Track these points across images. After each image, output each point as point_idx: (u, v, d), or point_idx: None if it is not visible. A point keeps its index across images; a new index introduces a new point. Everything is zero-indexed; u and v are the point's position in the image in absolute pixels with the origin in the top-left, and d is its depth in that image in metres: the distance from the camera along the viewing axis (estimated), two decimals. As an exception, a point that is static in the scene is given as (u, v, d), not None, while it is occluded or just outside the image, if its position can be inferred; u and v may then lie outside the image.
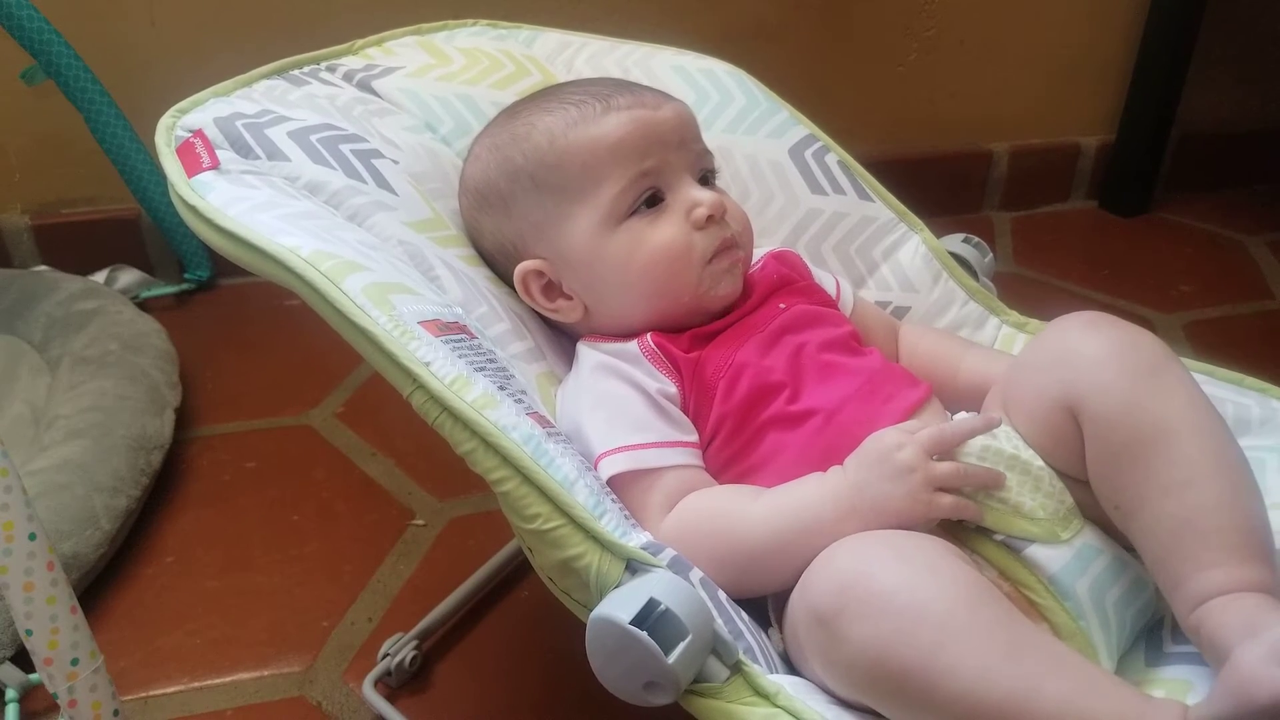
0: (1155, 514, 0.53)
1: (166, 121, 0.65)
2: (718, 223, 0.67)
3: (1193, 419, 0.55)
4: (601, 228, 0.66)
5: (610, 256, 0.66)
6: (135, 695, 0.85)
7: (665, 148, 0.67)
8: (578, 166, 0.66)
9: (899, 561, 0.52)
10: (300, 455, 1.14)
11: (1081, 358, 0.57)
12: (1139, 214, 1.73)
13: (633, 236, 0.66)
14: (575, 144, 0.66)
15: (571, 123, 0.67)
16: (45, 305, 1.24)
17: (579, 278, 0.68)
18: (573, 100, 0.68)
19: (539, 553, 0.54)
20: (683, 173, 0.68)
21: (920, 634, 0.48)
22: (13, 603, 0.58)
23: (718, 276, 0.67)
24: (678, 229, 0.66)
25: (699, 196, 0.67)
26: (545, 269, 0.68)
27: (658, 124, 0.67)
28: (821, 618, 0.51)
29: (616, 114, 0.67)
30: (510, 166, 0.69)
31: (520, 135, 0.69)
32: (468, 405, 0.52)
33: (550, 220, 0.68)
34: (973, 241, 0.86)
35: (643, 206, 0.67)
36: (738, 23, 1.51)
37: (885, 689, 0.50)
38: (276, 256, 0.56)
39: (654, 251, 0.66)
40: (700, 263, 0.66)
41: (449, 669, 0.88)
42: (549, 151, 0.67)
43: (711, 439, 0.65)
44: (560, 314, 0.69)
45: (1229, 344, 1.35)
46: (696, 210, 0.66)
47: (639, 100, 0.68)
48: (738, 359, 0.65)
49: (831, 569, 0.52)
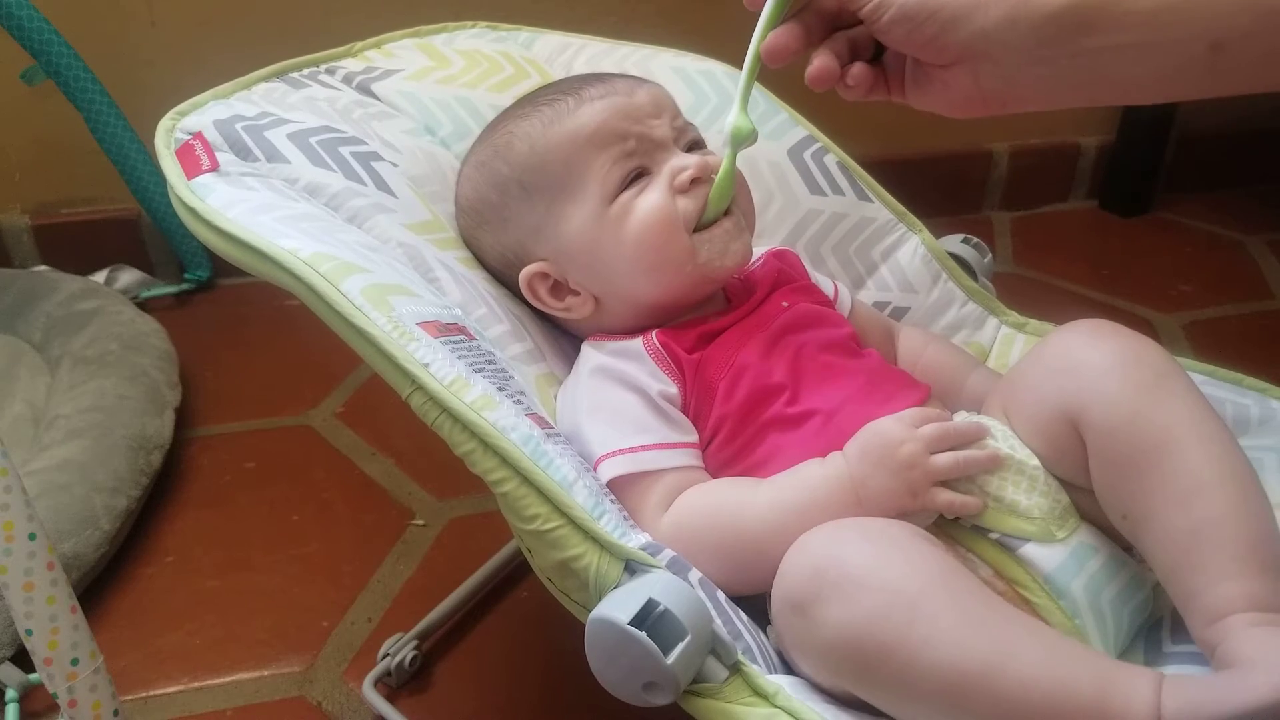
0: (1163, 525, 0.53)
1: (166, 124, 0.65)
2: (705, 184, 0.66)
3: (1198, 429, 0.55)
4: (594, 213, 0.66)
5: (606, 236, 0.66)
6: (135, 695, 0.85)
7: (643, 128, 0.67)
8: (561, 163, 0.67)
9: (869, 543, 0.53)
10: (300, 455, 1.14)
11: (1085, 367, 0.57)
12: (1139, 214, 1.73)
13: (622, 211, 0.66)
14: (554, 142, 0.67)
15: (548, 122, 0.68)
16: (45, 305, 1.24)
17: (583, 269, 0.68)
18: (545, 101, 0.69)
19: (538, 553, 0.54)
20: (666, 146, 0.68)
21: (895, 611, 0.49)
22: (13, 603, 0.58)
23: (721, 244, 0.66)
24: (662, 195, 0.66)
25: (683, 162, 0.67)
26: (549, 269, 0.69)
27: (633, 107, 0.67)
28: (797, 605, 0.52)
29: (590, 105, 0.67)
30: (498, 179, 0.69)
31: (501, 147, 0.70)
32: (467, 406, 0.53)
33: (545, 221, 0.68)
34: (972, 242, 0.86)
35: (631, 184, 0.67)
36: (736, 23, 1.51)
37: (865, 669, 0.50)
38: (276, 258, 0.56)
39: (643, 219, 0.65)
40: (688, 226, 0.66)
41: (449, 669, 0.88)
42: (530, 155, 0.68)
43: (711, 439, 0.65)
44: (572, 311, 0.69)
45: (1229, 344, 1.35)
46: (680, 175, 0.66)
47: (611, 88, 0.68)
48: (739, 360, 0.65)
49: (803, 557, 0.53)
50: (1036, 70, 0.54)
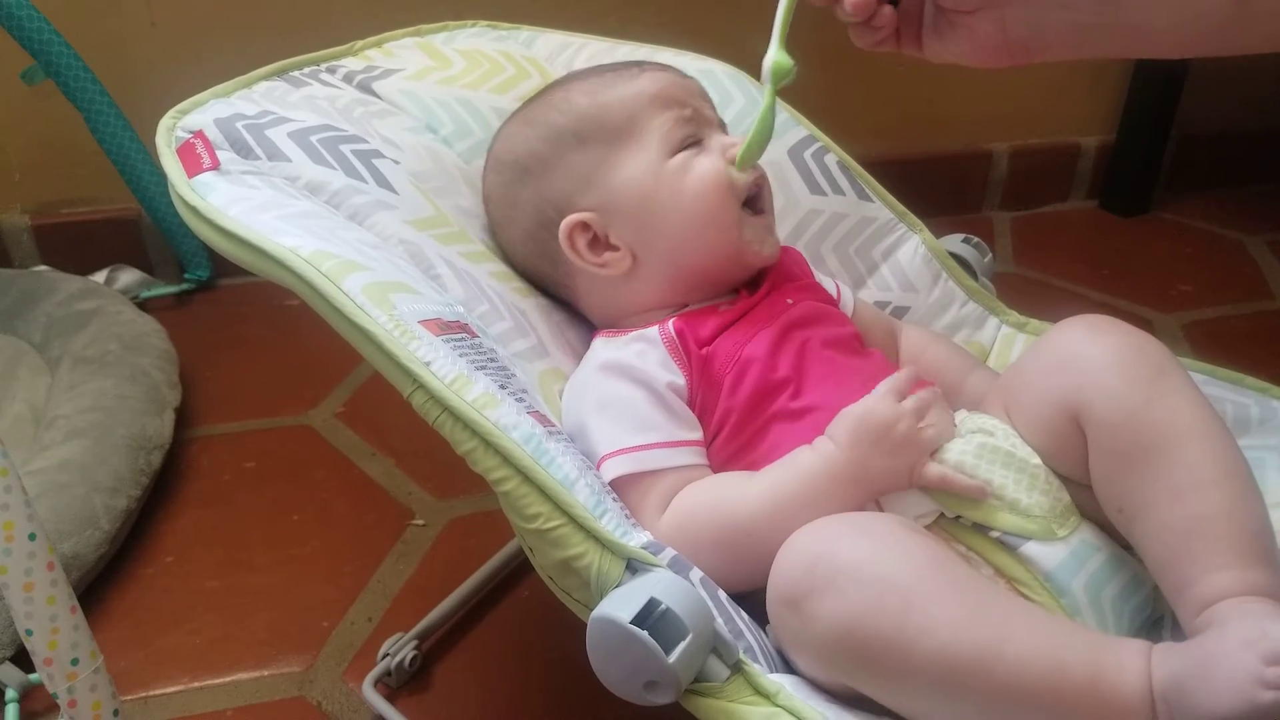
0: (1160, 519, 0.53)
1: (167, 122, 0.65)
2: (751, 168, 0.69)
3: (1197, 424, 0.55)
4: (653, 164, 0.69)
5: (663, 188, 0.68)
6: (135, 695, 0.85)
7: (699, 103, 0.71)
8: (624, 115, 0.70)
9: (860, 537, 0.53)
10: (300, 455, 1.14)
11: (1086, 362, 0.58)
12: (1139, 214, 1.73)
13: (681, 166, 0.69)
14: (617, 97, 0.70)
15: (609, 83, 0.72)
16: (45, 305, 1.24)
17: (631, 220, 0.69)
18: (606, 69, 0.74)
19: (539, 552, 0.54)
20: (714, 125, 0.72)
21: (889, 601, 0.49)
22: (13, 603, 0.58)
23: (762, 233, 0.70)
24: (719, 163, 0.69)
25: (731, 139, 0.70)
26: (592, 220, 0.69)
27: (688, 84, 0.72)
28: (791, 601, 0.52)
29: (651, 73, 0.72)
30: (551, 129, 0.71)
31: (558, 100, 0.72)
32: (468, 405, 0.52)
33: (598, 169, 0.69)
34: (972, 241, 0.86)
35: (687, 148, 0.69)
36: (736, 23, 1.51)
37: (860, 661, 0.50)
38: (277, 256, 0.56)
39: (702, 176, 0.68)
40: (740, 197, 0.69)
41: (449, 669, 0.88)
42: (591, 106, 0.71)
43: (717, 433, 0.65)
44: (608, 267, 0.70)
45: (1229, 344, 1.35)
46: (731, 149, 0.69)
47: (667, 68, 0.74)
48: (745, 354, 0.66)
49: (794, 554, 0.53)
50: (1064, 15, 0.55)
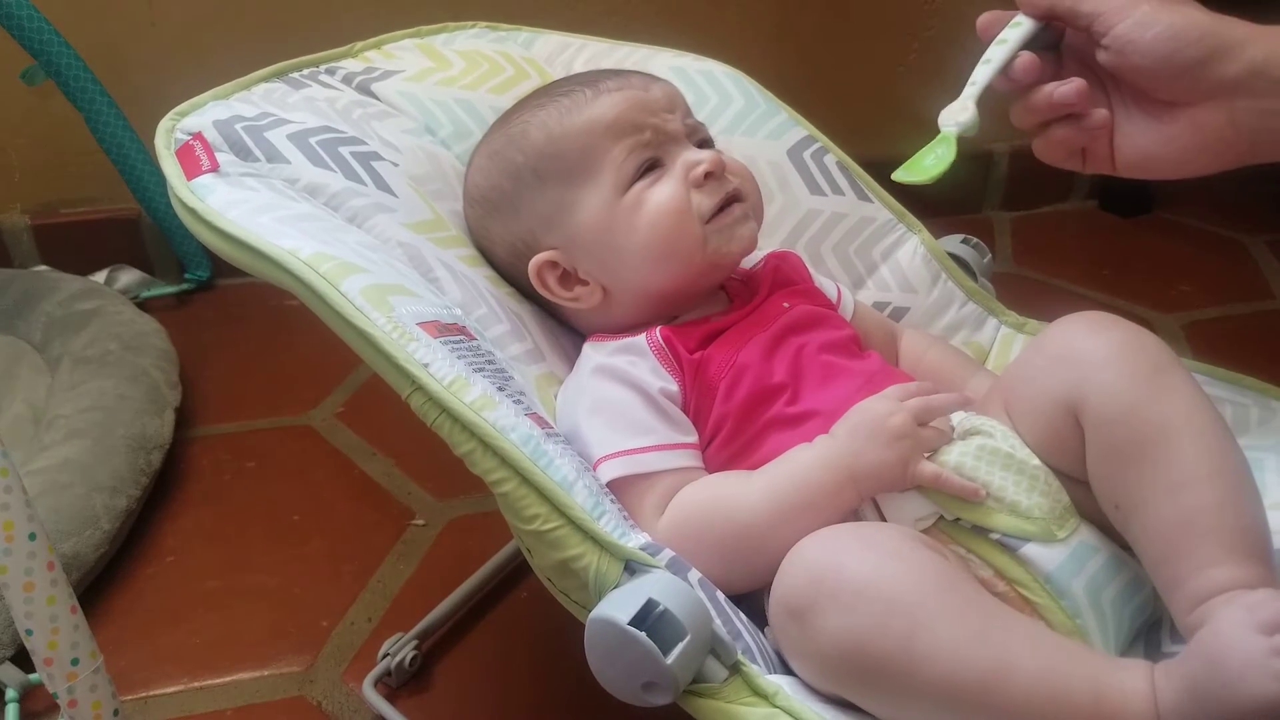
0: (1155, 514, 0.53)
1: (166, 124, 0.65)
2: (718, 179, 0.68)
3: (1195, 421, 0.55)
4: (608, 201, 0.67)
5: (619, 224, 0.67)
6: (135, 695, 0.85)
7: (658, 120, 0.69)
8: (577, 151, 0.68)
9: (867, 551, 0.53)
10: (300, 455, 1.14)
11: (1085, 358, 0.58)
12: (1139, 214, 1.73)
13: (636, 200, 0.67)
14: (571, 130, 0.68)
15: (564, 111, 0.69)
16: (45, 305, 1.24)
17: (593, 257, 0.69)
18: (562, 92, 0.70)
19: (538, 553, 0.54)
20: (679, 140, 0.69)
21: (894, 623, 0.49)
22: (13, 603, 0.58)
23: (728, 231, 0.68)
24: (677, 187, 0.67)
25: (697, 156, 0.68)
26: (558, 258, 0.69)
27: (649, 101, 0.69)
28: (795, 612, 0.52)
29: (607, 96, 0.69)
30: (511, 166, 0.70)
31: (516, 135, 0.70)
32: (466, 406, 0.53)
33: (558, 208, 0.69)
34: (971, 242, 0.86)
35: (645, 175, 0.68)
36: (737, 24, 1.51)
37: (862, 678, 0.50)
38: (276, 259, 0.56)
39: (657, 209, 0.67)
40: (702, 219, 0.67)
41: (449, 669, 0.88)
42: (547, 143, 0.69)
43: (712, 439, 0.65)
44: (580, 301, 0.70)
45: (1229, 344, 1.35)
46: (695, 169, 0.67)
47: (626, 82, 0.70)
48: (740, 360, 0.65)
49: (801, 564, 0.53)
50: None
